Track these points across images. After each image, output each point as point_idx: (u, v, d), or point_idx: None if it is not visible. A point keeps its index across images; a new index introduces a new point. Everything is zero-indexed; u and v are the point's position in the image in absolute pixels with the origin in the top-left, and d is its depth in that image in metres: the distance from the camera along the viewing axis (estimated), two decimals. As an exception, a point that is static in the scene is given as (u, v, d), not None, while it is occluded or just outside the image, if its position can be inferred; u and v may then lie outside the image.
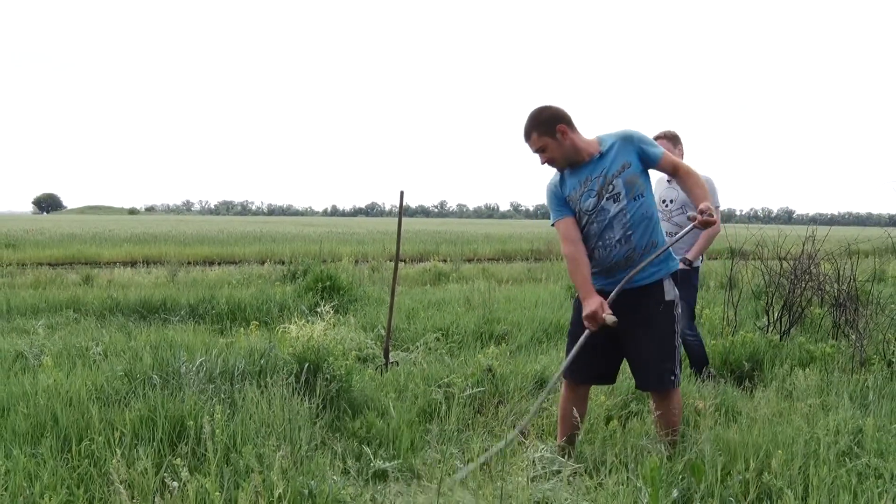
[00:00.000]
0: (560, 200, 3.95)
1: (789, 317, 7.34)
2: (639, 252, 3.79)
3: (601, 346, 3.90)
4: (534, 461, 3.66)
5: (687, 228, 3.95)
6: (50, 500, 2.86)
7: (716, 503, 2.84)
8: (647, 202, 3.82)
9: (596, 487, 2.94)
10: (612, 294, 3.75)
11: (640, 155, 3.82)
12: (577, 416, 3.93)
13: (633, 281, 3.78)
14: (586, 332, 3.81)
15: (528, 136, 3.86)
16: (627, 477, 2.98)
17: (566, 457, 3.85)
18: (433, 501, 2.97)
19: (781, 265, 7.74)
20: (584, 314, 3.77)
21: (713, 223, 3.68)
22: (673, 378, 3.83)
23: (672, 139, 5.85)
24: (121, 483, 3.14)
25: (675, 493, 1.76)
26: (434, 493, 3.19)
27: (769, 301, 7.62)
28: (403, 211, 6.64)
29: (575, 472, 3.48)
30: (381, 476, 3.84)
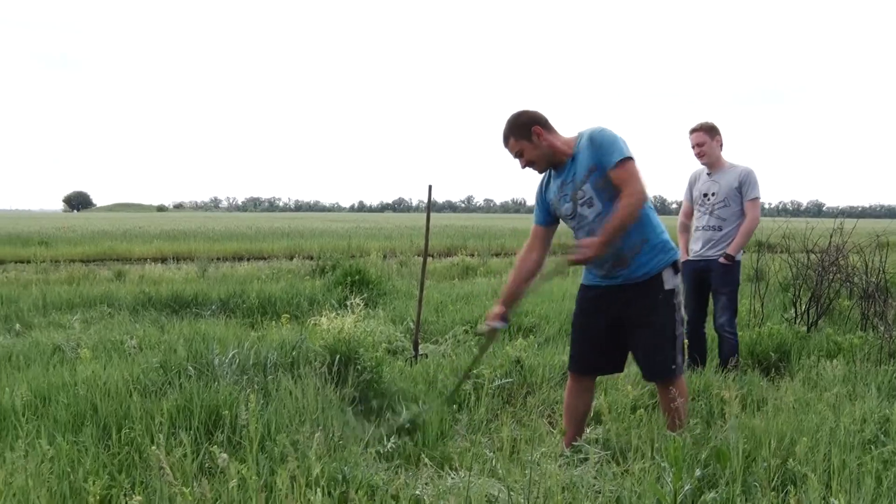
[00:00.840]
0: (540, 203, 4.02)
1: (817, 308, 7.34)
2: (628, 252, 3.75)
3: (602, 337, 3.95)
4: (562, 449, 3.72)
5: (548, 270, 4.04)
6: (94, 484, 2.96)
7: (739, 488, 2.89)
8: None
9: (623, 473, 3.00)
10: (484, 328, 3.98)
11: (600, 157, 3.67)
12: (579, 410, 4.05)
13: (632, 277, 3.79)
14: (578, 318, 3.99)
15: (505, 142, 3.88)
16: (653, 462, 3.04)
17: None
18: (463, 486, 3.04)
19: (809, 257, 7.73)
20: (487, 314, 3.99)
21: (575, 262, 3.68)
22: (674, 367, 3.83)
23: (709, 131, 5.79)
24: (160, 469, 3.25)
25: (697, 472, 1.81)
26: (464, 479, 3.26)
27: (797, 293, 7.62)
28: (431, 206, 6.71)
29: (602, 459, 3.54)
30: (413, 462, 3.92)
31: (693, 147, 5.84)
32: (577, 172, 3.74)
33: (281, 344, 5.37)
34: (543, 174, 4.00)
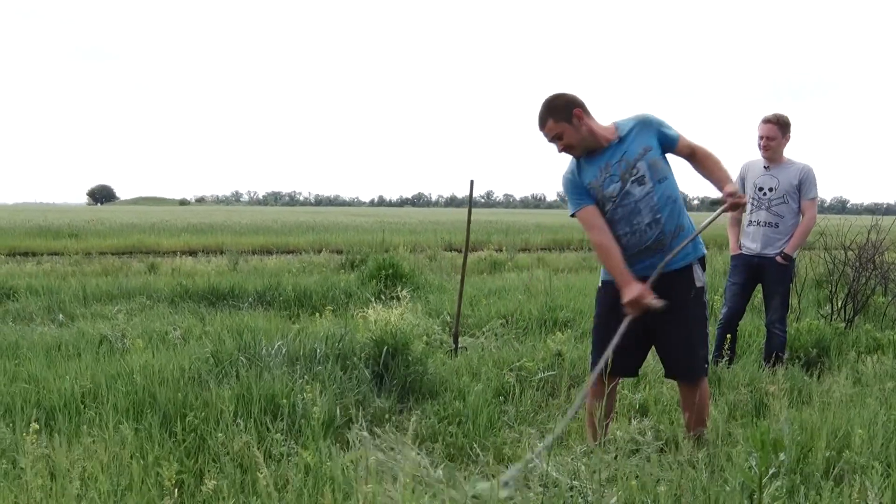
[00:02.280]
0: (579, 189, 3.83)
1: (853, 305, 7.35)
2: (668, 235, 3.69)
3: (636, 337, 3.77)
4: (613, 438, 3.78)
5: (717, 212, 3.74)
6: (166, 470, 3.06)
7: (799, 478, 2.95)
8: (670, 184, 3.73)
9: (680, 464, 3.06)
10: (651, 279, 3.64)
11: (660, 138, 3.75)
12: (604, 411, 3.72)
13: (665, 265, 3.68)
14: (626, 320, 3.63)
15: (543, 124, 3.76)
16: (717, 449, 3.11)
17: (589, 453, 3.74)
18: (518, 475, 3.10)
19: (846, 254, 7.73)
20: (625, 300, 3.62)
21: (741, 205, 3.72)
22: (706, 366, 3.80)
23: (783, 126, 5.65)
24: (227, 455, 3.37)
25: (782, 457, 1.86)
26: (519, 468, 3.33)
27: (833, 289, 7.63)
28: (472, 200, 6.78)
29: (654, 450, 3.60)
30: (465, 452, 4.01)
31: (760, 137, 5.69)
32: (630, 151, 3.69)
33: (327, 336, 5.46)
34: (570, 164, 3.88)
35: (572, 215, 3.90)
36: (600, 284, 4.00)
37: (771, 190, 5.69)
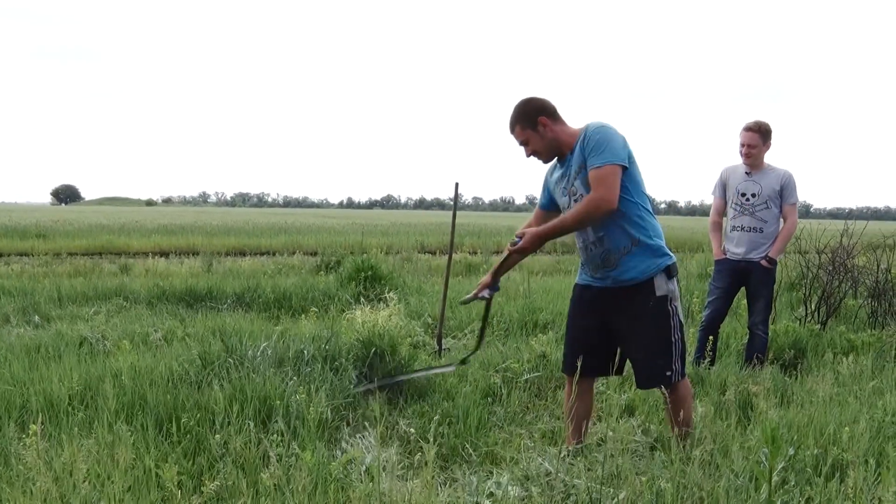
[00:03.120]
0: (544, 189, 3.98)
1: (827, 308, 7.51)
2: (616, 253, 3.67)
3: (594, 338, 3.84)
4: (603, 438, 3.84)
5: (504, 253, 3.80)
6: (165, 472, 3.07)
7: (791, 475, 3.04)
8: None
9: (680, 460, 3.11)
10: (476, 292, 3.93)
11: (584, 158, 3.62)
12: (578, 412, 3.91)
13: (621, 280, 3.70)
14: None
15: (512, 129, 3.80)
16: (713, 448, 3.19)
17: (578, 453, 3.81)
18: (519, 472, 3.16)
19: (820, 258, 7.90)
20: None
21: (519, 252, 3.69)
22: (670, 374, 3.68)
23: (764, 134, 5.75)
24: (229, 455, 3.38)
25: (791, 451, 1.92)
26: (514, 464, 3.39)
27: (807, 292, 7.79)
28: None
29: (646, 447, 3.67)
30: (458, 453, 4.05)
31: (742, 145, 5.79)
32: (571, 167, 3.69)
33: (314, 337, 5.47)
34: (553, 161, 3.90)
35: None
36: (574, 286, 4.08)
37: (754, 196, 5.80)
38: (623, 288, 3.71)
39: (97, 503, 2.86)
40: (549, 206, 3.96)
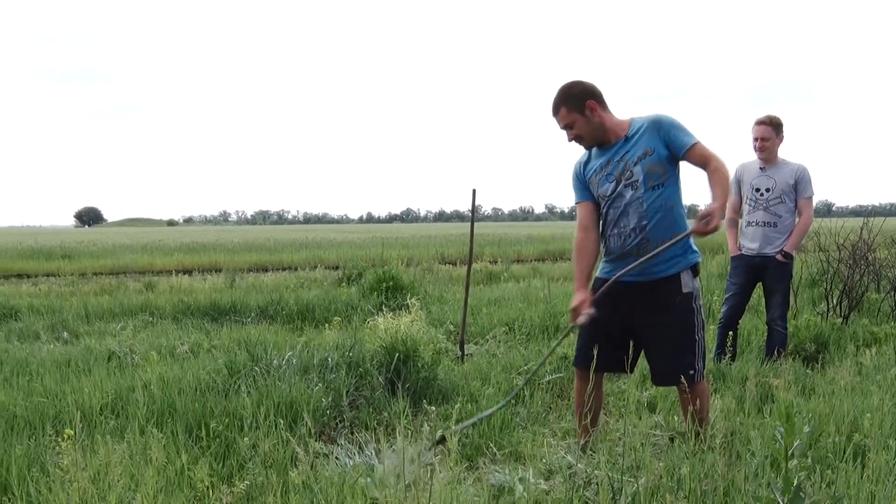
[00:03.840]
0: (580, 182, 3.84)
1: (849, 302, 7.50)
2: (653, 244, 3.61)
3: (614, 333, 3.74)
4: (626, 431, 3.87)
5: (680, 236, 3.58)
6: (196, 474, 3.15)
7: (810, 461, 3.07)
8: (667, 193, 3.63)
9: (701, 450, 3.15)
10: (601, 289, 3.67)
11: (668, 142, 3.60)
12: (592, 406, 3.69)
13: (650, 273, 3.65)
14: (584, 317, 3.65)
15: (556, 111, 3.71)
16: (731, 438, 3.23)
17: (587, 448, 3.76)
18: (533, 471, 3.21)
19: (840, 252, 7.89)
20: (570, 305, 3.73)
21: (709, 232, 3.38)
22: (693, 373, 3.65)
23: (776, 127, 5.80)
24: (258, 455, 3.46)
25: (806, 429, 1.96)
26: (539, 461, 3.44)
27: (828, 287, 7.78)
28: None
29: (671, 438, 3.70)
30: (480, 451, 4.10)
31: (755, 139, 5.83)
32: (631, 152, 3.62)
33: (337, 345, 5.55)
34: (582, 155, 3.87)
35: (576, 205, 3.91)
36: (591, 281, 3.96)
37: (768, 190, 5.83)
38: (650, 282, 3.66)
39: (132, 501, 2.93)
40: (593, 196, 3.82)
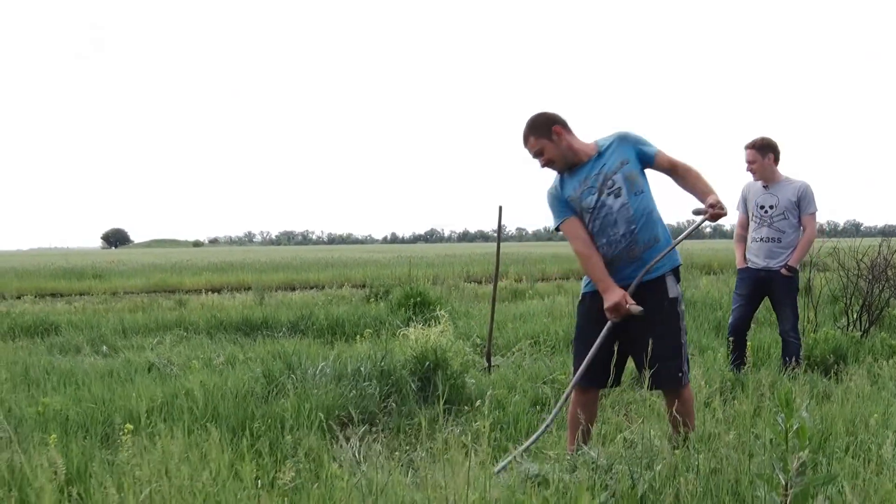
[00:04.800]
0: (561, 202, 3.97)
1: (868, 316, 7.64)
2: (641, 245, 3.80)
3: (608, 348, 3.81)
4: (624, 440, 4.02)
5: (698, 222, 3.83)
6: (244, 467, 3.38)
7: (819, 457, 3.26)
8: (646, 197, 3.85)
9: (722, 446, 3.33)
10: (632, 287, 3.76)
11: (638, 154, 3.88)
12: (585, 421, 3.86)
13: (637, 276, 3.79)
14: (607, 326, 3.79)
15: (525, 141, 3.95)
16: (741, 435, 3.40)
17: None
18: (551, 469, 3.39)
19: (859, 267, 8.03)
20: (606, 306, 3.76)
21: (723, 215, 3.69)
22: (681, 375, 3.80)
23: (760, 149, 6.02)
24: (301, 449, 3.70)
25: (804, 413, 2.14)
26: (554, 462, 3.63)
27: (848, 301, 7.92)
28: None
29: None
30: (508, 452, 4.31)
31: (746, 163, 6.12)
32: (608, 164, 3.83)
33: (369, 356, 5.79)
34: (555, 179, 4.03)
35: (556, 228, 4.05)
36: (580, 297, 4.16)
37: (772, 207, 6.06)
38: (637, 286, 3.78)
39: (191, 490, 3.17)
40: (574, 211, 3.97)
